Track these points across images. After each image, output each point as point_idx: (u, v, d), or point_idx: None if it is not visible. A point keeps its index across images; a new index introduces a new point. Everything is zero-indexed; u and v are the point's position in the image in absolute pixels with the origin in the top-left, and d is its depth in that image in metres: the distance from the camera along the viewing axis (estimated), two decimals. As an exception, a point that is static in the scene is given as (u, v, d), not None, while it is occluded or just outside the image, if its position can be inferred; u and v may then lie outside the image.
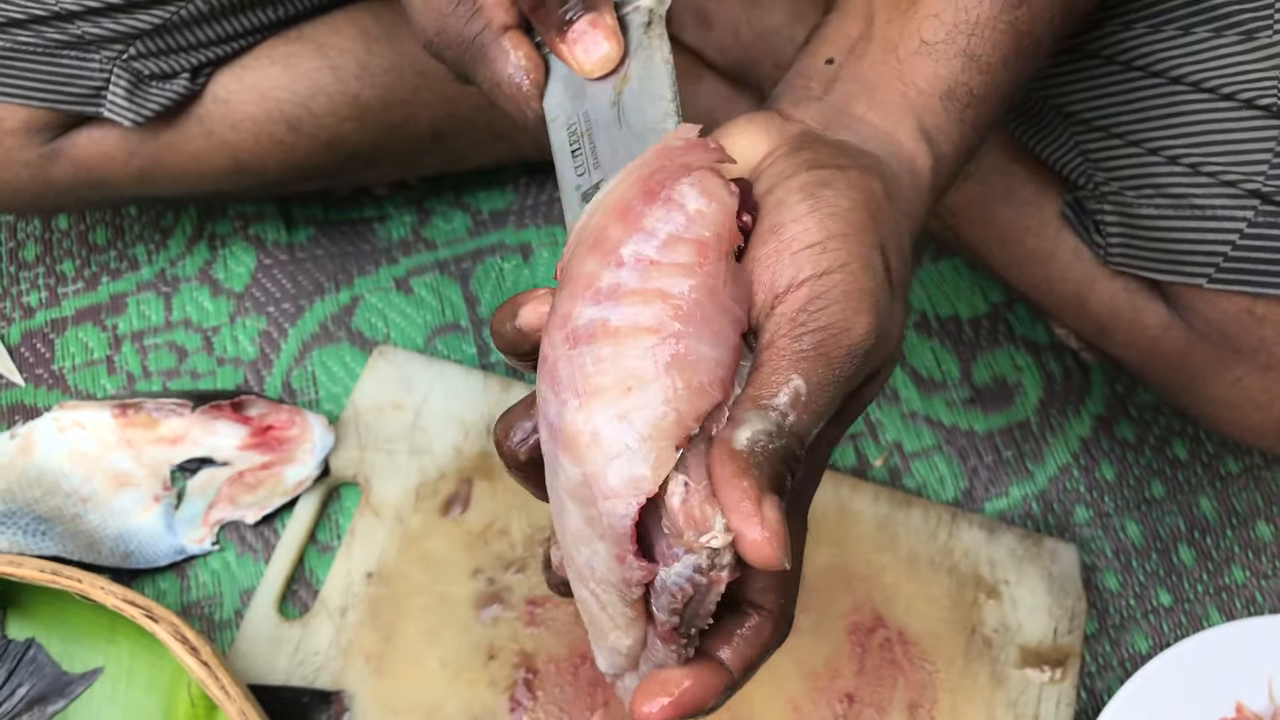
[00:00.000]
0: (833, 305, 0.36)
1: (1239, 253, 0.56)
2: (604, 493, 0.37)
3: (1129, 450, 0.80)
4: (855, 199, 0.38)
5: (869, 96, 0.44)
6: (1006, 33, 0.45)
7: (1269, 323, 0.57)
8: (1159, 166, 0.58)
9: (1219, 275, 0.57)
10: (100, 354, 0.85)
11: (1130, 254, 0.61)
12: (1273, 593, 0.75)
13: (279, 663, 0.71)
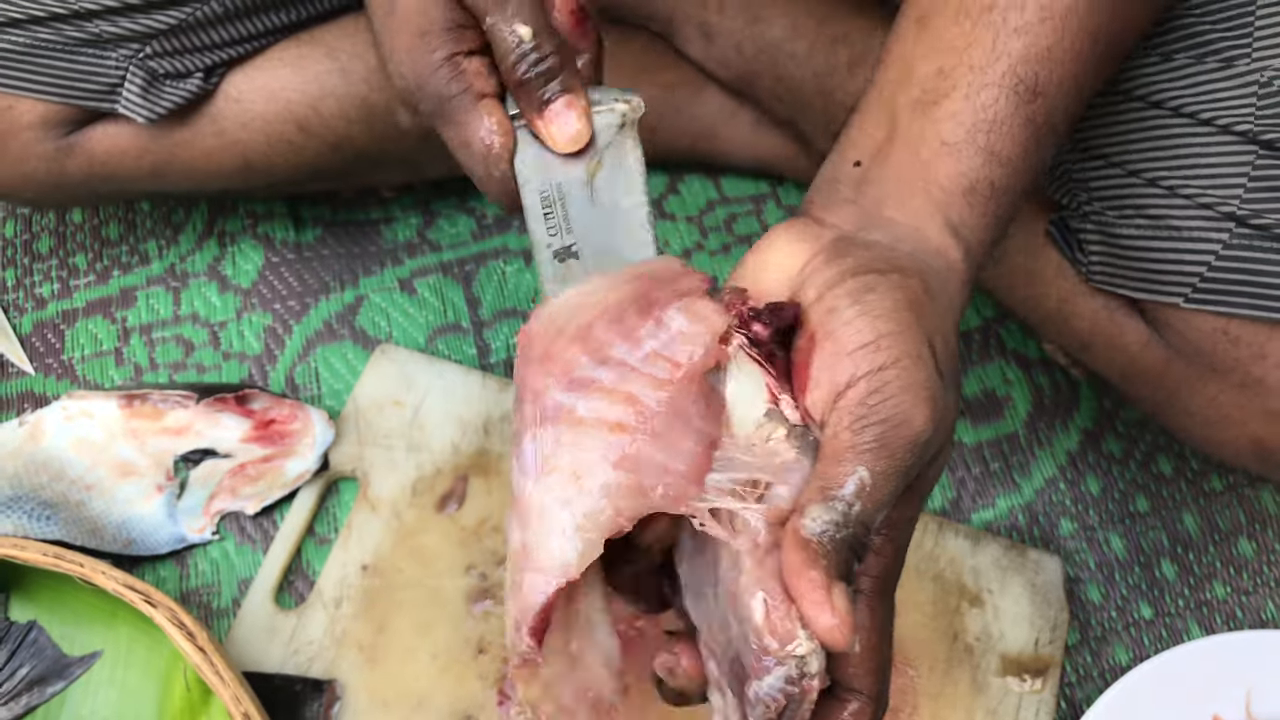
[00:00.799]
0: (891, 399, 0.39)
1: (1214, 274, 0.57)
2: (533, 565, 0.40)
3: (1115, 465, 0.81)
4: (899, 299, 0.41)
5: (897, 197, 0.47)
6: (1024, 127, 0.48)
7: (1243, 342, 0.58)
8: (1139, 188, 0.59)
9: (1195, 295, 0.58)
10: (109, 346, 0.86)
11: (1111, 272, 0.62)
12: (1253, 609, 0.76)
13: (274, 651, 0.72)
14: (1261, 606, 0.76)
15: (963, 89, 0.48)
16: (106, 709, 0.69)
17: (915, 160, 0.47)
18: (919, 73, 0.49)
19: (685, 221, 0.92)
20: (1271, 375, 0.57)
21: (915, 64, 0.49)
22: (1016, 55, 0.48)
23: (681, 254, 0.90)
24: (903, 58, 0.50)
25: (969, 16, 0.49)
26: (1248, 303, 0.57)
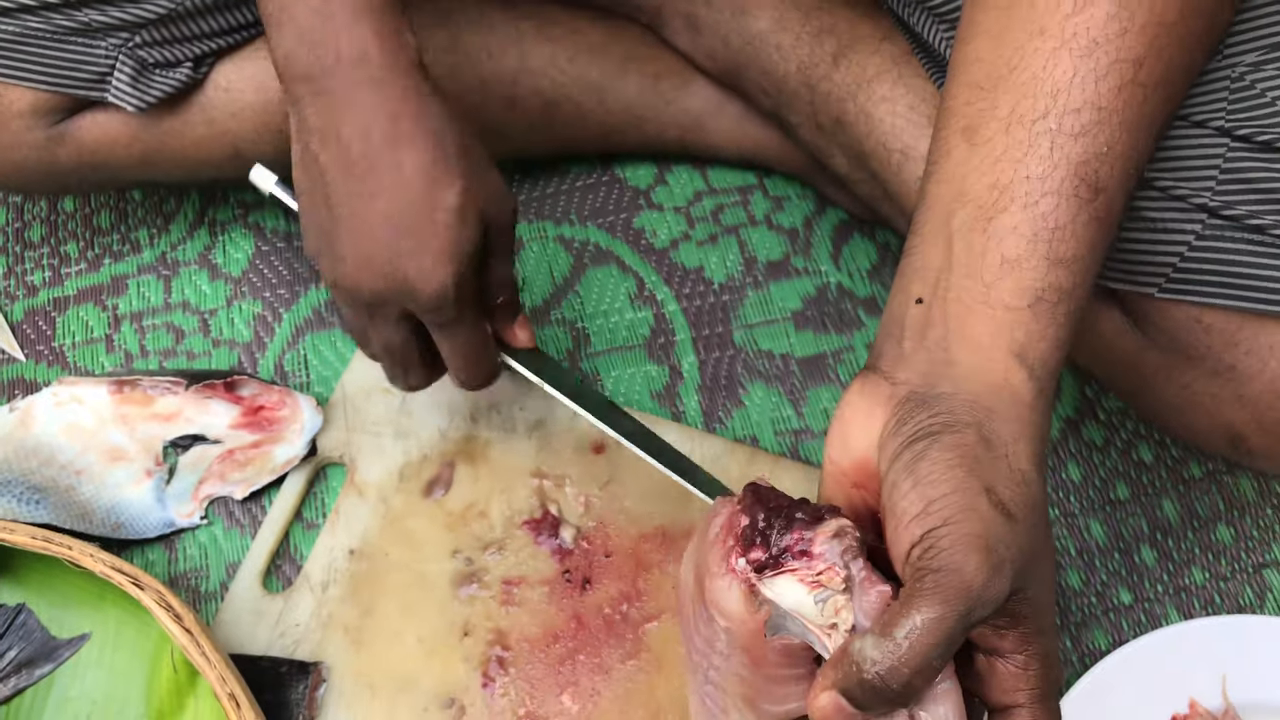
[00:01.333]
0: (942, 553, 0.41)
1: (1187, 264, 0.58)
2: None
3: (1095, 452, 0.81)
4: (951, 459, 0.43)
5: (960, 334, 0.47)
6: (1088, 225, 0.47)
7: (1215, 331, 0.59)
8: None
9: (1169, 285, 0.59)
10: (100, 333, 0.87)
11: None
12: (1230, 594, 0.77)
13: (260, 634, 0.73)
14: (1239, 592, 0.77)
15: (1020, 200, 0.47)
16: (95, 690, 0.70)
17: (977, 284, 0.47)
18: (973, 188, 0.48)
19: (673, 211, 0.92)
20: (1243, 363, 0.58)
21: (968, 179, 0.49)
22: (1076, 159, 0.48)
23: (669, 244, 0.91)
24: (954, 174, 0.50)
25: (1022, 125, 0.48)
26: (1219, 292, 0.57)
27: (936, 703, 0.43)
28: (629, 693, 0.70)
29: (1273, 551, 0.78)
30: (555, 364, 0.75)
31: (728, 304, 0.88)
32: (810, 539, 0.46)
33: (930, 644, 0.41)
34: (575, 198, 0.93)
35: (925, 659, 0.41)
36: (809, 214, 0.92)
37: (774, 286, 0.89)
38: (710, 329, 0.87)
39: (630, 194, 0.93)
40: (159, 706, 0.69)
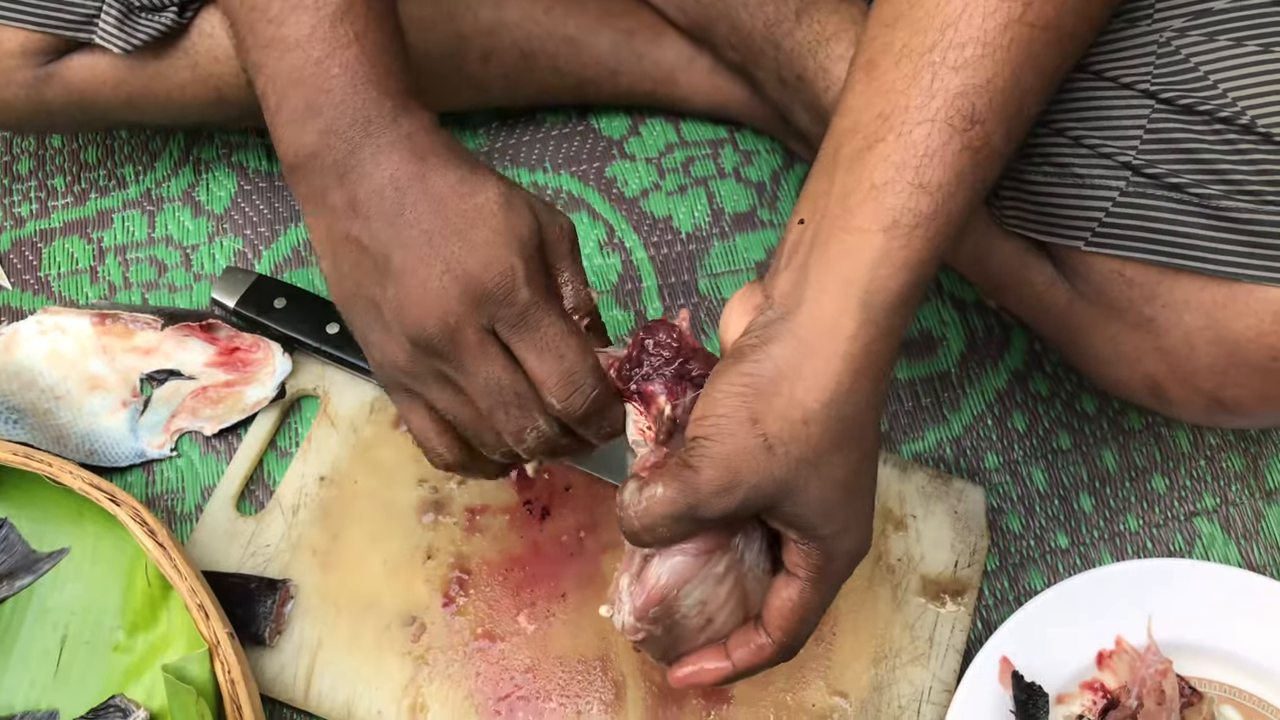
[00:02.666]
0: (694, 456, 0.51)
1: (1111, 219, 0.61)
2: None
3: (1041, 403, 0.85)
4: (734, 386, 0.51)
5: (820, 256, 0.51)
6: (959, 154, 0.50)
7: (1137, 284, 0.61)
8: (1047, 138, 0.63)
9: (1094, 239, 0.62)
10: (85, 264, 0.90)
11: (1020, 216, 0.66)
12: (1162, 540, 0.80)
13: (232, 553, 0.76)
14: (1171, 539, 0.80)
15: (897, 129, 0.50)
16: (73, 601, 0.73)
17: (844, 210, 0.51)
18: (863, 119, 0.52)
19: (644, 162, 0.95)
20: (1161, 315, 0.60)
21: (861, 111, 0.52)
22: (954, 90, 0.50)
23: (639, 193, 0.93)
24: (851, 106, 0.53)
25: (910, 59, 0.51)
26: (1141, 246, 0.60)
27: (665, 559, 0.55)
28: (583, 616, 0.74)
29: (1203, 500, 0.81)
30: None
31: (694, 253, 0.91)
32: (653, 392, 0.57)
33: (657, 513, 0.51)
34: (550, 146, 0.96)
35: (651, 521, 0.52)
36: (777, 168, 0.95)
37: (740, 238, 0.92)
38: (676, 277, 0.90)
39: (604, 144, 0.96)
40: (133, 617, 0.72)
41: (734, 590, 0.57)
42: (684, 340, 0.57)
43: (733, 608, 0.58)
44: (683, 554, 0.55)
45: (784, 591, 0.55)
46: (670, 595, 0.56)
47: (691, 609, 0.57)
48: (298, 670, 0.72)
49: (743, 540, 0.56)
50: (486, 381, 0.56)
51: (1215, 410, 0.61)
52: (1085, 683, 0.72)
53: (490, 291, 0.55)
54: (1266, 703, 0.72)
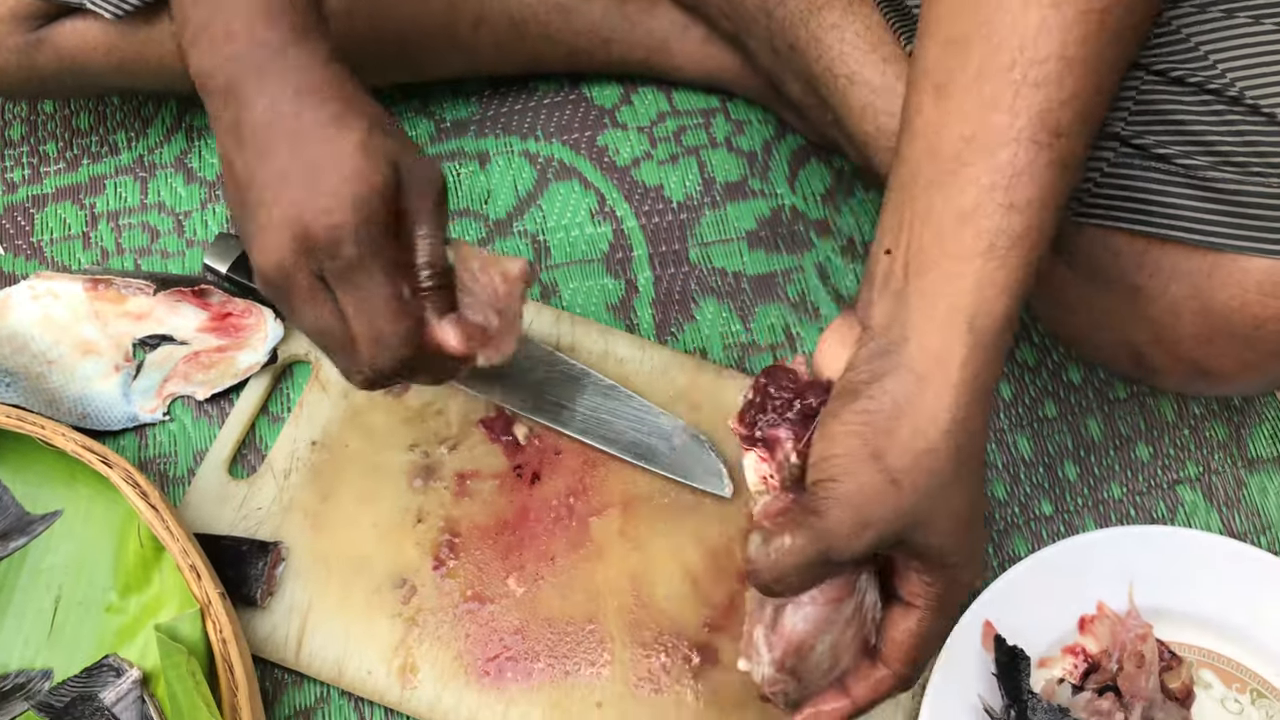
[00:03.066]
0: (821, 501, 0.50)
1: (1100, 189, 0.61)
2: None
3: (1027, 372, 0.85)
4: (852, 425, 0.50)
5: (916, 285, 0.51)
6: (1047, 169, 0.50)
7: (1123, 254, 0.62)
8: None
9: (1082, 209, 0.62)
10: (77, 230, 0.90)
11: None
12: (1145, 508, 0.81)
13: (224, 516, 0.77)
14: (1154, 506, 0.81)
15: (982, 152, 0.50)
16: (66, 563, 0.73)
17: (936, 237, 0.50)
18: (942, 143, 0.51)
19: (636, 131, 0.95)
20: (1148, 285, 0.61)
21: (939, 135, 0.51)
22: (1038, 108, 0.50)
23: (631, 162, 0.94)
24: (924, 130, 0.52)
25: (988, 79, 0.50)
26: (1127, 217, 0.61)
27: (798, 609, 0.53)
28: (571, 579, 0.74)
29: (1187, 469, 0.82)
30: None
31: (685, 222, 0.92)
32: (778, 436, 0.55)
33: (789, 564, 0.50)
34: (542, 114, 0.96)
35: (783, 572, 0.50)
36: (768, 138, 0.95)
37: (731, 207, 0.92)
38: (667, 245, 0.91)
39: (596, 113, 0.96)
40: (126, 579, 0.72)
41: (859, 632, 0.57)
42: (801, 382, 0.56)
43: (857, 648, 0.57)
44: (814, 603, 0.54)
45: (903, 623, 0.54)
46: (807, 645, 0.55)
47: (824, 656, 0.56)
48: (289, 631, 0.73)
49: (865, 580, 0.55)
50: (314, 324, 0.58)
51: (1197, 378, 0.62)
52: (1067, 647, 0.73)
53: (317, 242, 0.55)
54: (1244, 667, 0.73)
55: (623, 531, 0.76)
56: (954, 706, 0.70)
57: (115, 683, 0.68)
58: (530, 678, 0.71)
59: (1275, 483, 0.82)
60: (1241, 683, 0.73)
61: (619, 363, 0.82)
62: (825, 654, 0.55)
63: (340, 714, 0.73)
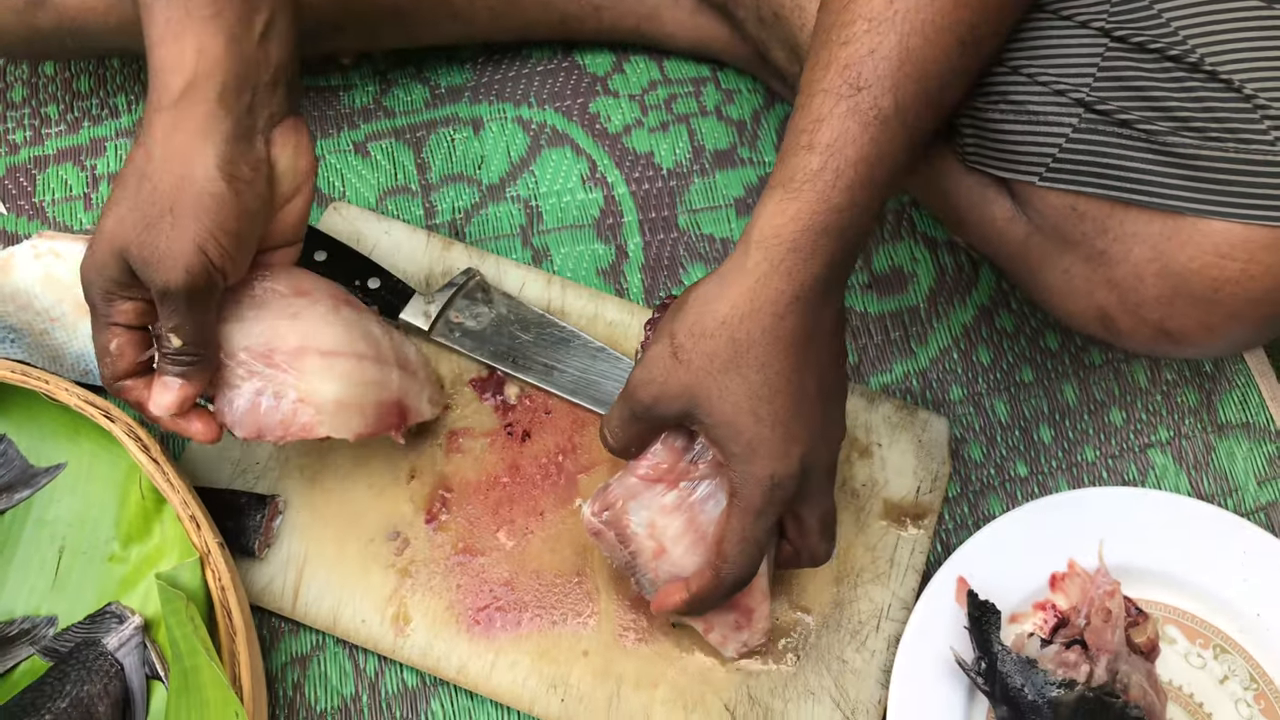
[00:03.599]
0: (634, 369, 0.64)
1: (1065, 154, 0.63)
2: None
3: (1006, 338, 0.88)
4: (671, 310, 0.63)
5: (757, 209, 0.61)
6: (845, 116, 0.58)
7: (1088, 218, 0.64)
8: (1005, 77, 0.65)
9: (1049, 174, 0.64)
10: (79, 191, 0.92)
11: (980, 152, 0.68)
12: (1118, 471, 0.83)
13: (223, 471, 0.79)
14: (1125, 469, 0.83)
15: (801, 101, 0.60)
16: (69, 514, 0.76)
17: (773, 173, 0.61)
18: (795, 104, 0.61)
19: (627, 99, 0.97)
20: (1112, 248, 0.63)
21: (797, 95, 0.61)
22: (841, 62, 0.58)
23: (622, 129, 0.96)
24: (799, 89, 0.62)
25: (818, 36, 0.61)
26: (1092, 181, 0.63)
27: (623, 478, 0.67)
28: (559, 534, 0.77)
29: (1158, 433, 0.85)
30: None
31: (675, 189, 0.93)
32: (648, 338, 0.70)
33: (612, 420, 0.65)
34: (535, 82, 0.98)
35: (609, 428, 0.66)
36: (758, 108, 0.97)
37: (720, 175, 0.94)
38: (657, 212, 0.92)
39: (588, 80, 0.98)
40: (128, 530, 0.75)
41: (687, 529, 0.66)
42: None
43: (688, 544, 0.66)
44: (634, 476, 0.66)
45: (721, 519, 0.64)
46: (617, 504, 0.67)
47: (640, 526, 0.66)
48: (285, 581, 0.75)
49: (695, 485, 0.66)
50: None
51: (1162, 340, 0.64)
52: (1038, 603, 0.75)
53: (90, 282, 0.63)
54: (1207, 623, 0.75)
55: (609, 489, 0.78)
56: (927, 658, 0.72)
57: (118, 629, 0.71)
58: (519, 627, 0.74)
59: (1243, 447, 0.84)
60: (1205, 638, 0.75)
61: (608, 325, 0.84)
62: (642, 526, 0.66)
63: (335, 661, 0.76)
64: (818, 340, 0.61)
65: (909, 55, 0.58)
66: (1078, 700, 0.69)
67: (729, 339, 0.60)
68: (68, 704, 0.67)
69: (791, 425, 0.60)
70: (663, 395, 0.62)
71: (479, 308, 0.83)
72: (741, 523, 0.62)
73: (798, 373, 0.60)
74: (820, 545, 0.66)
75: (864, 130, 0.58)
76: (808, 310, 0.60)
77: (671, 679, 0.73)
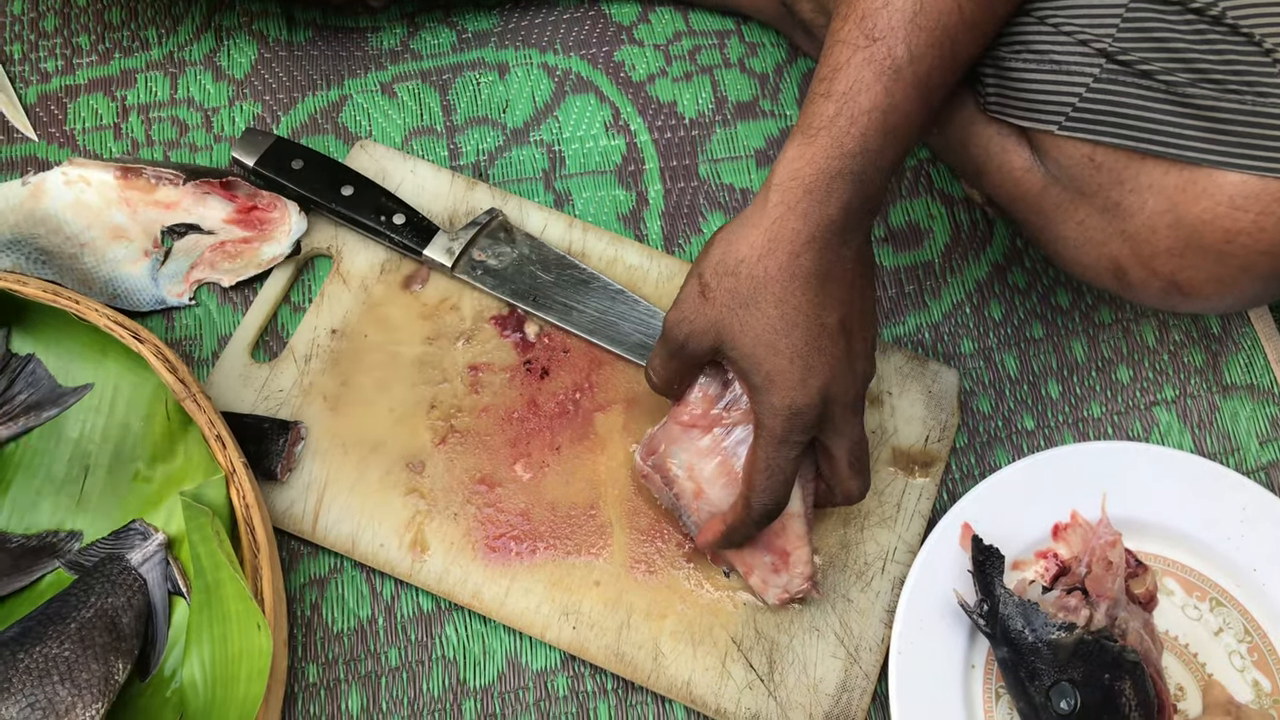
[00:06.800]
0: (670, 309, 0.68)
1: (1085, 104, 0.64)
2: None
3: (1018, 295, 0.89)
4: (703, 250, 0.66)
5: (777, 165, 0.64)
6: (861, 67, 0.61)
7: (1105, 169, 0.65)
8: (1029, 26, 0.66)
9: (1068, 123, 0.65)
10: (109, 120, 0.93)
11: (1001, 101, 0.69)
12: (1122, 427, 0.85)
13: (247, 397, 0.81)
14: (1130, 426, 0.85)
15: (824, 51, 0.63)
16: (95, 434, 0.77)
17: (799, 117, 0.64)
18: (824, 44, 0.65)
19: (652, 48, 0.98)
20: (1128, 200, 0.64)
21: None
22: (859, 13, 0.62)
23: (646, 78, 0.97)
24: None
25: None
26: (1110, 132, 0.64)
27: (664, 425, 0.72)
28: (574, 468, 0.79)
29: (1164, 391, 0.86)
30: None
31: (696, 138, 0.95)
32: None
33: (656, 357, 0.70)
34: (561, 29, 0.99)
35: (654, 363, 0.70)
36: (780, 61, 0.98)
37: (741, 126, 0.95)
38: (678, 160, 0.94)
39: (614, 29, 0.99)
40: (153, 450, 0.76)
41: (721, 470, 0.69)
42: None
43: (723, 485, 0.70)
44: (674, 423, 0.71)
45: (749, 453, 0.66)
46: (660, 449, 0.70)
47: (680, 469, 0.70)
48: (306, 505, 0.77)
49: (728, 431, 0.69)
50: None
51: (1173, 293, 0.65)
52: (1039, 551, 0.77)
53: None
54: (1205, 577, 0.77)
55: (625, 427, 0.80)
56: (931, 600, 0.74)
57: (142, 545, 0.73)
58: (534, 556, 0.76)
59: (1246, 408, 0.85)
60: (1202, 591, 0.77)
61: (628, 269, 0.86)
62: (681, 468, 0.71)
63: (353, 584, 0.77)
64: (837, 279, 0.63)
65: (922, 7, 0.61)
66: (1077, 643, 0.71)
67: (748, 276, 0.63)
68: (92, 614, 0.68)
69: (810, 358, 0.62)
70: (693, 332, 0.65)
71: (501, 247, 0.85)
72: (765, 451, 0.64)
73: (815, 308, 0.62)
74: (852, 480, 0.68)
75: (877, 79, 0.61)
76: (824, 250, 0.62)
77: (680, 611, 0.75)
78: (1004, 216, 0.88)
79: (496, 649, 0.76)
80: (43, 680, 0.64)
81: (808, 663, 0.74)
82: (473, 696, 0.75)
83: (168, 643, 0.72)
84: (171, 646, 0.72)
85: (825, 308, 0.62)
